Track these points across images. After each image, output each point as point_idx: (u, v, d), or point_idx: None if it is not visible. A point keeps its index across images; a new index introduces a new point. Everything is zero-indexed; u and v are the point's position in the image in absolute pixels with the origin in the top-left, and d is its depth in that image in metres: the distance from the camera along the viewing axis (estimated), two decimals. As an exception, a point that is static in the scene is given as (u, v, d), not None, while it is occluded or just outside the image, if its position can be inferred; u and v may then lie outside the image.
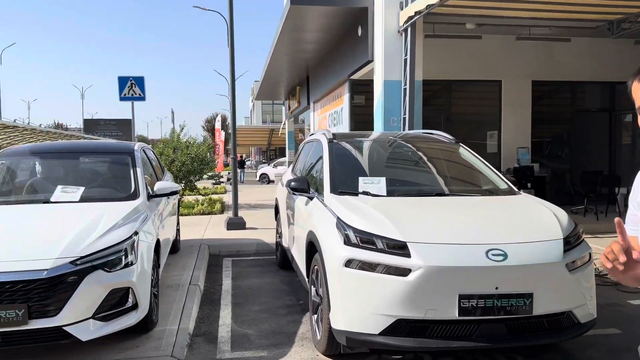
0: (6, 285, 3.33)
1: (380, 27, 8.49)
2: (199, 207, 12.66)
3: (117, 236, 3.85)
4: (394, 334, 3.38)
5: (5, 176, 5.26)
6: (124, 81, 11.79)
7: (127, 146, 5.69)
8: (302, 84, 18.35)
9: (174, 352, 3.89)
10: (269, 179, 28.31)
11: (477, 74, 10.97)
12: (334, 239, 3.73)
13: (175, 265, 6.48)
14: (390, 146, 5.52)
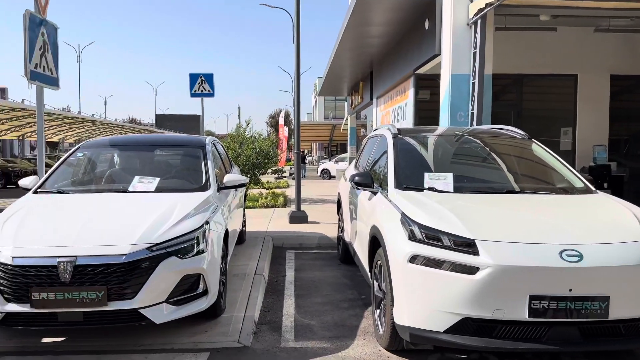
0: (88, 268, 3.56)
1: (448, 20, 8.30)
2: (263, 200, 12.95)
3: (190, 225, 4.03)
4: (459, 332, 3.33)
5: (86, 166, 5.61)
6: (195, 78, 12.24)
7: (198, 140, 5.93)
8: (365, 80, 18.28)
9: (240, 338, 4.03)
10: (330, 175, 28.45)
11: (551, 68, 10.48)
12: (398, 234, 3.71)
13: (241, 256, 6.68)
14: (457, 141, 5.40)
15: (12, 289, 3.55)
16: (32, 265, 3.56)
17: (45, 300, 3.50)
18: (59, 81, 6.40)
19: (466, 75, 8.15)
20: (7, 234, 3.79)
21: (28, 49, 5.67)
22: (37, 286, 3.51)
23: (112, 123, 41.53)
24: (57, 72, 6.35)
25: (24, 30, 5.62)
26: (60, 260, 3.52)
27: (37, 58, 5.86)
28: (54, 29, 6.27)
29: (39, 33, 5.88)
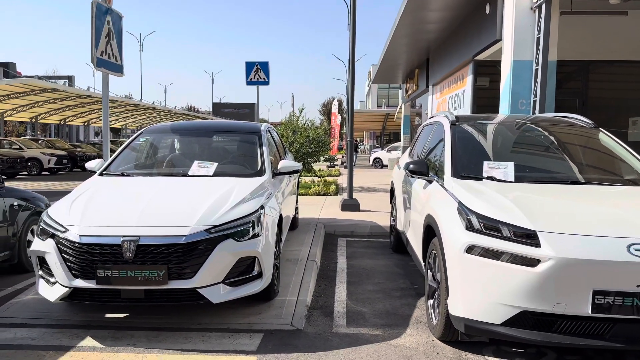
0: (150, 248, 3.70)
1: (511, 4, 7.98)
2: (315, 187, 13.02)
3: (246, 209, 4.11)
4: (517, 325, 3.23)
5: (148, 151, 5.83)
6: (251, 66, 12.41)
7: (255, 126, 6.02)
8: (421, 67, 17.93)
9: (293, 321, 4.08)
10: (382, 164, 28.22)
11: (621, 54, 9.91)
12: (454, 223, 3.63)
13: (293, 241, 6.76)
14: (518, 130, 5.21)
15: (80, 265, 3.74)
16: (97, 244, 3.73)
17: (110, 277, 3.67)
18: (123, 68, 6.66)
19: (529, 61, 7.83)
20: (75, 214, 3.99)
21: (95, 37, 5.92)
22: (102, 263, 3.68)
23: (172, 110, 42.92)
24: (122, 59, 6.60)
25: (91, 19, 5.87)
26: (124, 239, 3.67)
27: (102, 46, 6.11)
28: (118, 18, 6.51)
29: (104, 21, 6.13)
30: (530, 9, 7.85)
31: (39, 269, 4.04)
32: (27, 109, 28.14)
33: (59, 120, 34.44)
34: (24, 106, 27.28)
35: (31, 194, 5.94)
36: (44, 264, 3.95)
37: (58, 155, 21.66)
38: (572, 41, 8.80)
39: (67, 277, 3.74)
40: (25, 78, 25.98)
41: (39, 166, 20.86)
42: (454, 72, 12.70)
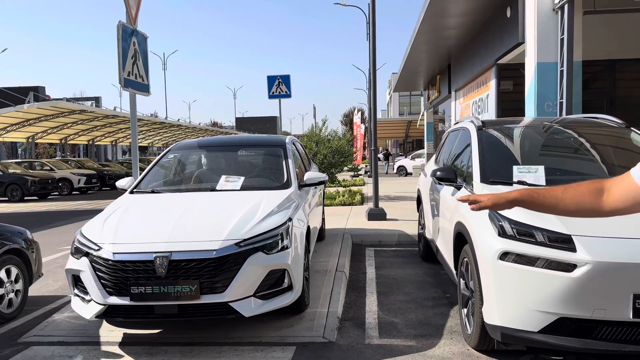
0: (182, 263, 3.75)
1: (532, 6, 7.89)
2: (340, 198, 13.00)
3: (274, 221, 4.13)
4: (555, 332, 3.15)
5: (177, 167, 5.92)
6: (272, 80, 12.53)
7: (279, 139, 6.06)
8: (442, 73, 17.83)
9: (325, 333, 4.07)
10: (407, 172, 28.03)
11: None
12: (486, 230, 3.58)
13: (321, 252, 6.75)
14: (546, 132, 5.11)
15: (113, 282, 3.80)
16: (130, 261, 3.79)
17: (143, 294, 3.72)
18: (149, 87, 6.79)
19: (553, 63, 7.71)
20: (108, 232, 4.07)
21: (121, 58, 6.06)
22: (136, 280, 3.74)
23: (196, 127, 43.55)
24: (148, 79, 6.74)
25: (118, 41, 6.02)
26: (157, 255, 3.72)
27: (129, 66, 6.25)
28: (143, 39, 6.66)
29: (130, 43, 6.28)
30: (553, 10, 7.75)
31: (74, 287, 4.12)
32: (56, 131, 28.91)
33: (88, 140, 35.27)
34: (53, 128, 28.03)
35: (7, 228, 5.05)
36: (79, 282, 4.03)
37: (87, 174, 22.16)
38: (596, 40, 8.64)
39: (102, 295, 3.81)
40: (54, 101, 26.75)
41: (69, 186, 21.35)
42: (477, 77, 12.59)
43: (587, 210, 1.54)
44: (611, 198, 1.49)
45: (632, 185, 1.44)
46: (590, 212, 1.55)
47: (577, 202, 1.54)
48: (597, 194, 1.52)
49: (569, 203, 1.54)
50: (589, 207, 1.53)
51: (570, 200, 1.54)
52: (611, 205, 1.49)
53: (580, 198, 1.53)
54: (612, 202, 1.49)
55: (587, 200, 1.52)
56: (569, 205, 1.55)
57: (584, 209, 1.54)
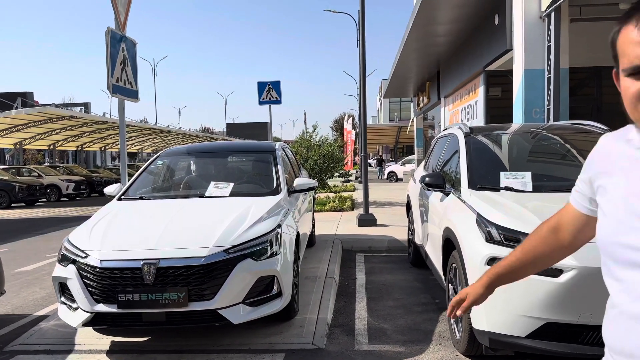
0: (170, 270, 3.72)
1: (519, 14, 7.99)
2: (331, 204, 13.01)
3: (263, 228, 4.12)
4: (542, 337, 3.17)
5: (165, 174, 5.90)
6: (263, 86, 12.56)
7: (269, 145, 6.06)
8: (432, 79, 17.97)
9: (314, 340, 4.06)
10: (397, 177, 28.14)
11: (634, 58, 9.81)
12: (474, 236, 3.60)
13: (311, 259, 6.74)
14: (533, 138, 5.17)
15: (101, 290, 3.77)
16: (118, 268, 3.76)
17: (131, 301, 3.69)
18: (138, 94, 6.77)
19: (540, 70, 7.81)
20: (95, 239, 4.04)
21: (110, 64, 6.04)
22: (123, 287, 3.71)
23: (187, 133, 43.41)
24: (137, 85, 6.72)
25: (106, 47, 6.00)
26: (144, 262, 3.70)
27: (118, 72, 6.23)
28: (132, 45, 6.65)
29: (119, 49, 6.26)
30: (540, 18, 7.85)
31: (61, 295, 4.07)
32: (45, 137, 28.69)
33: (76, 146, 35.03)
34: (41, 134, 27.82)
35: None
36: (66, 290, 3.99)
37: (76, 181, 21.98)
38: (583, 48, 8.75)
39: (89, 302, 3.77)
40: (43, 107, 26.57)
41: (57, 192, 21.17)
42: (466, 84, 12.70)
43: (552, 256, 1.46)
44: (565, 235, 1.41)
45: (576, 214, 1.36)
46: (555, 255, 1.46)
47: (538, 253, 1.45)
48: (552, 235, 1.43)
49: (531, 258, 1.46)
50: (552, 252, 1.45)
51: (532, 256, 1.46)
52: (568, 241, 1.41)
53: (539, 249, 1.45)
54: (568, 237, 1.41)
55: (547, 247, 1.44)
56: (534, 260, 1.46)
57: (549, 256, 1.46)
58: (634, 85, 1.03)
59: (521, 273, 1.50)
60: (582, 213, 1.34)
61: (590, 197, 1.28)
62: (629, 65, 1.03)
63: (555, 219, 1.45)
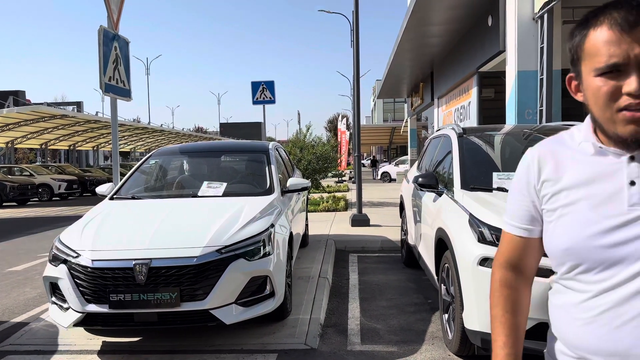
0: (162, 270, 3.70)
1: (513, 15, 8.03)
2: (324, 204, 13.01)
3: (256, 228, 4.11)
4: (534, 337, 3.17)
5: (158, 173, 5.87)
6: (257, 86, 12.52)
7: (262, 145, 6.05)
8: (425, 80, 18.01)
9: (307, 340, 4.05)
10: (391, 177, 28.18)
11: (625, 60, 9.89)
12: (466, 236, 3.61)
13: (304, 259, 6.73)
14: (526, 139, 5.19)
15: (92, 290, 3.74)
16: (109, 268, 3.74)
17: (122, 301, 3.67)
18: (131, 93, 6.74)
19: (533, 71, 7.84)
20: (87, 239, 4.01)
21: (102, 62, 6.01)
22: (115, 287, 3.68)
23: (180, 132, 43.27)
24: (129, 84, 6.68)
25: (99, 45, 5.97)
26: (136, 262, 3.68)
27: (110, 71, 6.19)
28: (125, 43, 6.61)
29: (112, 47, 6.23)
30: (533, 19, 7.89)
31: (52, 295, 4.05)
32: (37, 136, 28.49)
33: (69, 145, 34.82)
34: (33, 133, 27.63)
35: None
36: (57, 290, 3.96)
37: (68, 180, 21.85)
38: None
39: (80, 303, 3.75)
40: (35, 105, 26.38)
41: (49, 192, 21.03)
42: (459, 85, 12.74)
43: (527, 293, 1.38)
44: (529, 270, 1.36)
45: (523, 242, 1.31)
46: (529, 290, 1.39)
47: (522, 305, 1.36)
48: (522, 277, 1.36)
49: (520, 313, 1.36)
50: (526, 290, 1.37)
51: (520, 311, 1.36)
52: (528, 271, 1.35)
53: (519, 301, 1.36)
54: (532, 270, 1.35)
55: (523, 295, 1.36)
56: (523, 315, 1.37)
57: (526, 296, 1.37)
58: (607, 84, 1.05)
59: (521, 335, 1.37)
60: (525, 237, 1.30)
61: (532, 216, 1.26)
62: (604, 64, 1.04)
63: (506, 265, 1.35)
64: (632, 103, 1.01)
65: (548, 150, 1.24)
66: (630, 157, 1.09)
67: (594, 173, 1.12)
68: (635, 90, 1.00)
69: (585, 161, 1.14)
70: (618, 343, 1.06)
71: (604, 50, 1.04)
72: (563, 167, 1.18)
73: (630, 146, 1.07)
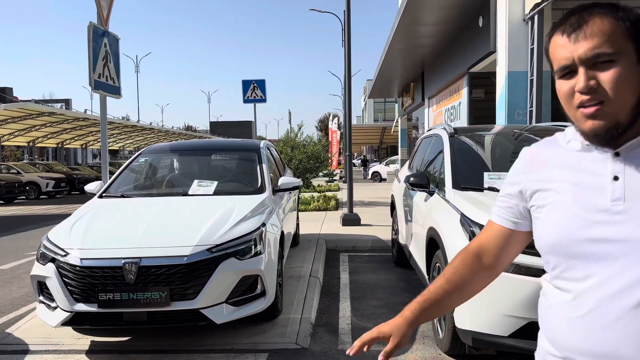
0: (152, 269, 3.67)
1: (503, 16, 8.07)
2: (315, 203, 12.99)
3: (248, 227, 4.09)
4: (525, 337, 3.19)
5: (148, 171, 5.82)
6: (248, 84, 12.47)
7: (254, 144, 6.02)
8: (416, 80, 18.06)
9: (298, 340, 4.04)
10: (381, 177, 28.25)
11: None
12: (458, 235, 3.61)
13: (295, 258, 6.72)
14: (516, 139, 5.22)
15: (81, 289, 3.70)
16: (98, 267, 3.70)
17: (112, 301, 3.63)
18: (120, 90, 6.68)
19: (523, 72, 7.89)
20: (75, 237, 3.96)
21: (92, 59, 5.94)
22: (104, 287, 3.64)
23: (169, 130, 43.00)
24: (119, 81, 6.62)
25: (88, 42, 5.90)
26: (126, 261, 3.64)
27: (100, 68, 6.13)
28: (115, 40, 6.55)
29: (101, 44, 6.16)
30: (523, 21, 7.94)
31: (39, 294, 3.99)
32: (24, 133, 28.15)
33: (57, 143, 34.46)
34: (21, 130, 27.30)
35: None
36: (45, 289, 3.91)
37: (56, 178, 21.62)
38: (565, 51, 8.87)
39: (69, 302, 3.70)
40: (22, 102, 26.04)
41: (37, 190, 20.80)
42: (450, 85, 12.79)
43: (481, 282, 1.39)
44: (490, 256, 1.37)
45: (502, 232, 1.34)
46: (485, 281, 1.40)
47: (466, 281, 1.37)
48: (477, 261, 1.37)
49: (455, 288, 1.36)
50: (481, 277, 1.38)
51: (454, 285, 1.36)
52: (494, 263, 1.37)
53: (466, 276, 1.37)
54: (494, 259, 1.37)
55: (470, 274, 1.37)
56: (463, 287, 1.37)
57: (478, 281, 1.38)
58: (565, 85, 1.11)
59: (447, 304, 1.38)
60: (507, 229, 1.33)
61: (521, 209, 1.29)
62: (558, 67, 1.12)
63: (476, 243, 1.40)
64: (584, 100, 1.07)
65: (540, 148, 1.30)
66: (615, 153, 1.11)
67: (580, 169, 1.16)
68: (581, 88, 1.07)
69: (572, 158, 1.18)
70: (604, 343, 1.05)
71: (558, 54, 1.12)
72: (552, 165, 1.22)
73: (593, 140, 1.11)
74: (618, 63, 1.05)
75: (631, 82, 1.05)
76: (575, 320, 1.11)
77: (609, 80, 1.05)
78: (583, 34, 1.07)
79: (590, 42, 1.06)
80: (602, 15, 1.07)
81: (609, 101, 1.06)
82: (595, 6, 1.10)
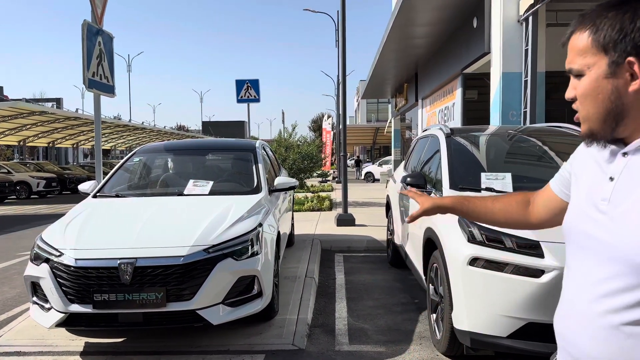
0: (148, 270, 3.63)
1: (498, 17, 8.09)
2: (309, 203, 12.97)
3: (244, 227, 4.06)
4: (523, 337, 3.19)
5: (142, 171, 5.77)
6: (241, 84, 12.42)
7: (249, 143, 5.99)
8: (410, 81, 18.08)
9: (294, 340, 4.01)
10: (374, 178, 28.27)
11: (607, 63, 10.04)
12: (456, 236, 3.61)
13: (291, 258, 6.69)
14: (511, 140, 5.23)
15: (76, 290, 3.65)
16: (94, 267, 3.65)
17: (107, 302, 3.59)
18: (114, 89, 6.62)
19: (518, 73, 7.92)
20: (70, 237, 3.92)
21: (86, 58, 5.88)
22: (99, 287, 3.60)
23: (162, 130, 42.78)
24: (113, 80, 6.56)
25: (82, 40, 5.84)
26: (121, 262, 3.60)
27: (94, 67, 6.07)
28: (109, 39, 6.49)
29: (96, 42, 6.10)
30: (518, 22, 7.96)
31: (33, 295, 3.94)
32: (14, 133, 27.87)
33: (48, 142, 34.15)
34: (11, 129, 27.02)
35: None
36: (38, 290, 3.86)
37: (47, 178, 21.41)
38: (559, 52, 8.90)
39: (63, 303, 3.65)
40: (13, 101, 25.77)
41: (27, 190, 20.59)
42: (443, 86, 12.81)
43: (515, 221, 1.56)
44: (535, 209, 1.52)
45: (551, 195, 1.46)
46: (518, 223, 1.57)
47: (505, 212, 1.56)
48: (524, 205, 1.54)
49: (497, 213, 1.57)
50: (517, 218, 1.55)
51: (498, 211, 1.56)
52: (536, 216, 1.52)
53: (508, 208, 1.55)
54: (536, 213, 1.51)
55: (515, 211, 1.54)
56: (497, 215, 1.57)
57: (512, 219, 1.56)
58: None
59: (481, 218, 1.60)
60: (558, 196, 1.43)
61: (568, 184, 1.39)
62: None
63: (532, 194, 1.55)
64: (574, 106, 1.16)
65: (582, 144, 1.36)
66: (623, 154, 1.14)
67: (598, 164, 1.21)
68: (566, 96, 1.17)
69: (593, 154, 1.24)
70: (564, 329, 1.17)
71: None
72: (587, 156, 1.28)
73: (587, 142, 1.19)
74: (587, 76, 1.11)
75: (597, 95, 1.10)
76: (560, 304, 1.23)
77: (579, 93, 1.13)
78: (568, 47, 1.16)
79: (569, 56, 1.16)
80: (581, 30, 1.12)
81: (580, 111, 1.15)
82: (583, 18, 1.14)
